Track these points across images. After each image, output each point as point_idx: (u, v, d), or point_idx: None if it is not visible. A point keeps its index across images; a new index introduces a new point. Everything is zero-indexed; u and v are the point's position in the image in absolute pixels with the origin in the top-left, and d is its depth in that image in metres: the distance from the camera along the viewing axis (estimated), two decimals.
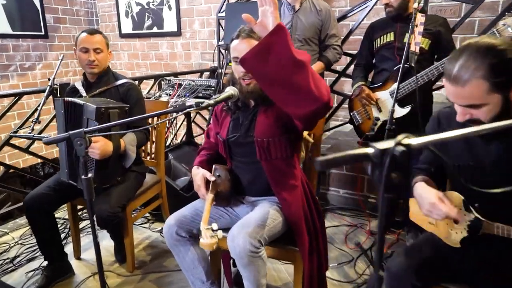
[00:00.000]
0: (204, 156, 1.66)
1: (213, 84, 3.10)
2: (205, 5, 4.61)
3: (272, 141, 1.42)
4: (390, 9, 2.12)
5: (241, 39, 1.38)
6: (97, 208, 1.71)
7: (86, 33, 1.90)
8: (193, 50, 4.89)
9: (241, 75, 1.41)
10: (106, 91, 1.95)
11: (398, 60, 2.12)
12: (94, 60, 1.89)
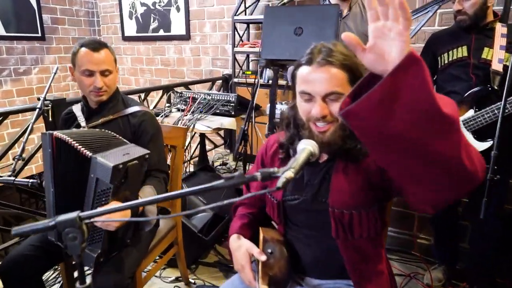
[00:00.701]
0: (245, 218, 1.23)
1: (233, 100, 2.68)
2: (218, 6, 4.19)
3: (356, 214, 0.99)
4: (463, 17, 1.70)
5: (317, 66, 0.95)
6: (102, 280, 1.27)
7: (88, 49, 1.42)
8: (203, 56, 4.47)
9: (313, 118, 0.98)
10: (112, 121, 1.51)
11: (474, 81, 1.70)
12: (102, 87, 1.46)
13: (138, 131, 1.51)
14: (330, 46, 0.96)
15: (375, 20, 0.67)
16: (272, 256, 1.08)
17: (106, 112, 1.53)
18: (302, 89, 0.97)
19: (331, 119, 0.96)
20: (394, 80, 0.63)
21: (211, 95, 2.76)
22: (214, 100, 2.71)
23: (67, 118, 1.58)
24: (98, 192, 1.12)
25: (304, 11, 1.50)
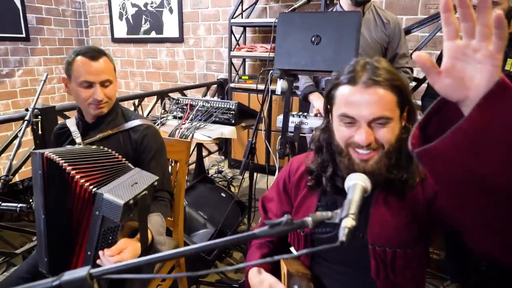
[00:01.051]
0: (265, 248, 1.10)
1: (233, 107, 2.55)
2: (212, 8, 4.06)
3: (401, 253, 0.87)
4: None
5: (363, 87, 0.82)
6: None
7: (86, 58, 1.26)
8: (197, 59, 4.32)
9: (355, 144, 0.85)
10: (111, 137, 1.36)
11: None
12: (102, 99, 1.31)
13: (140, 148, 1.37)
14: (375, 63, 0.85)
15: (454, 38, 0.55)
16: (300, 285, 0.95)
17: (105, 126, 1.37)
18: (344, 112, 0.85)
19: (375, 146, 0.84)
20: (484, 114, 0.52)
21: (210, 102, 2.62)
22: (214, 108, 2.57)
23: (60, 134, 1.42)
24: (104, 230, 0.97)
25: (322, 18, 1.38)
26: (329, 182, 0.93)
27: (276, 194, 1.13)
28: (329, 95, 0.90)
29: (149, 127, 1.41)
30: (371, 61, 0.85)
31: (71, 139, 1.37)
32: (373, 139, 0.82)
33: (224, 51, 4.10)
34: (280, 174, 1.12)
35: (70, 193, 1.05)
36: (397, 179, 0.85)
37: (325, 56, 1.37)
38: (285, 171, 1.10)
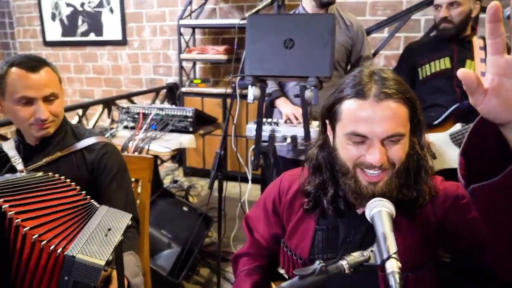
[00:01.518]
0: (255, 274, 0.99)
1: (191, 114, 2.39)
2: (158, 9, 3.83)
3: (413, 277, 0.80)
4: (449, 26, 1.65)
5: (374, 100, 0.73)
6: None
7: (23, 69, 1.06)
8: (142, 63, 4.06)
9: (366, 164, 0.76)
10: (61, 159, 1.16)
11: (459, 94, 1.66)
12: (47, 118, 1.09)
13: (97, 169, 1.18)
14: (381, 73, 0.76)
15: (501, 52, 0.49)
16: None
17: (52, 148, 1.16)
18: (354, 130, 0.75)
19: (387, 165, 0.76)
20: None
21: (165, 110, 2.44)
22: (169, 116, 2.40)
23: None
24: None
25: (294, 21, 1.30)
26: (331, 205, 0.84)
27: (263, 215, 1.02)
28: (331, 110, 0.80)
29: (107, 145, 1.23)
30: (377, 71, 0.77)
31: (10, 166, 1.14)
32: (386, 158, 0.75)
33: (172, 53, 3.89)
34: (268, 193, 1.01)
35: (11, 248, 0.83)
36: (407, 199, 0.79)
37: (300, 61, 1.29)
38: (273, 190, 1.00)
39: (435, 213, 0.78)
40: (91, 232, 0.79)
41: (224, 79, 3.79)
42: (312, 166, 0.88)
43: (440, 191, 0.82)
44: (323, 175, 0.85)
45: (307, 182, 0.89)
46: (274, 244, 1.01)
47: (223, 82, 3.79)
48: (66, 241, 0.78)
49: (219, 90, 3.41)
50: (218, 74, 3.81)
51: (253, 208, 1.09)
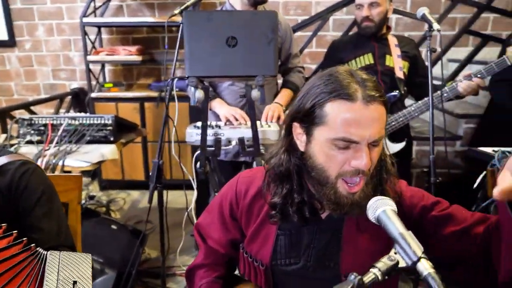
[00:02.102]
0: (216, 286, 0.91)
1: (110, 122, 2.16)
2: (53, 5, 3.39)
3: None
4: (370, 24, 1.76)
5: (363, 103, 0.69)
6: None
7: None
8: (38, 67, 3.56)
9: (350, 172, 0.72)
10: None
11: (383, 87, 1.79)
12: None
13: (15, 194, 0.95)
14: (361, 75, 0.73)
15: None
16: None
17: None
18: (344, 135, 0.70)
19: (368, 173, 0.73)
20: None
21: (78, 119, 2.16)
22: (85, 125, 2.12)
23: None
24: None
25: (235, 18, 1.24)
26: (296, 214, 0.80)
27: (219, 219, 0.94)
28: (309, 114, 0.74)
29: (25, 164, 1.00)
30: (353, 72, 0.74)
31: None
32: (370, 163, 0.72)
33: (75, 55, 3.48)
34: (223, 196, 0.93)
35: None
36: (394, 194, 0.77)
37: (244, 60, 1.23)
38: (229, 193, 0.92)
39: (404, 214, 0.78)
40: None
41: (139, 82, 3.53)
42: (279, 174, 0.81)
43: (406, 196, 0.83)
44: (292, 183, 0.80)
45: (273, 192, 0.83)
46: (231, 249, 0.94)
47: (137, 85, 3.52)
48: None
49: (135, 94, 3.16)
50: (131, 77, 3.53)
51: (203, 215, 1.00)
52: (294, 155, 0.81)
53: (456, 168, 2.19)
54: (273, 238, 0.85)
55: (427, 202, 0.81)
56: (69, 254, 0.74)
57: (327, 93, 0.71)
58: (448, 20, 2.66)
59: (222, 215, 0.94)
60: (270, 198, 0.83)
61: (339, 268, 0.81)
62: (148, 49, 3.39)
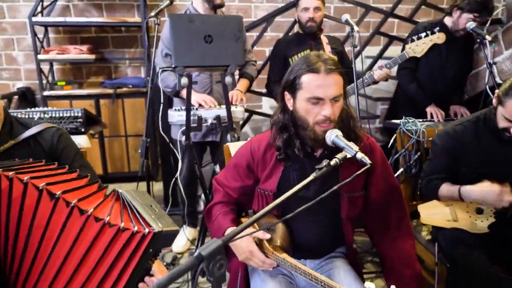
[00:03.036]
0: (230, 214, 1.26)
1: (80, 114, 2.34)
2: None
3: (352, 197, 1.21)
4: (313, 24, 2.20)
5: (325, 73, 1.08)
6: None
7: None
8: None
9: (321, 119, 1.10)
10: (14, 148, 1.18)
11: None
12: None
13: (55, 151, 1.24)
14: (323, 56, 1.13)
15: None
16: (272, 230, 1.20)
17: (3, 138, 1.17)
18: (314, 95, 1.08)
19: (334, 119, 1.11)
20: None
21: (48, 112, 2.31)
22: (56, 119, 2.28)
23: None
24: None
25: (211, 20, 1.58)
26: (300, 151, 1.16)
27: (235, 173, 1.28)
28: (292, 83, 1.12)
29: (59, 130, 1.29)
30: (320, 54, 1.13)
31: None
32: (334, 112, 1.10)
33: (19, 54, 3.47)
34: (238, 157, 1.29)
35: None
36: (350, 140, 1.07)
37: (218, 53, 1.58)
38: (246, 153, 1.27)
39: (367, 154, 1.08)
40: (146, 211, 0.94)
41: (89, 80, 3.63)
42: (279, 127, 1.19)
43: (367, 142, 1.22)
44: (289, 132, 1.17)
45: (277, 139, 1.20)
46: (242, 195, 1.29)
47: (88, 83, 3.62)
48: (136, 221, 0.93)
49: (90, 91, 3.29)
50: (80, 75, 3.62)
51: (221, 173, 1.35)
52: (287, 113, 1.19)
53: (377, 140, 2.78)
54: (280, 171, 1.19)
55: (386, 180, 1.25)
56: (130, 190, 1.04)
57: (302, 69, 1.11)
58: (364, 23, 3.27)
59: (237, 169, 1.28)
60: (276, 143, 1.20)
61: (339, 190, 1.05)
62: (96, 48, 3.53)
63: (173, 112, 1.77)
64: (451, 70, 2.25)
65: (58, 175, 1.05)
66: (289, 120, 1.18)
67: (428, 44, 1.98)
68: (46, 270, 0.97)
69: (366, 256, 2.33)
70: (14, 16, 3.39)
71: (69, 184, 1.01)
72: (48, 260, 0.97)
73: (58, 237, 0.94)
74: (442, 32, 1.95)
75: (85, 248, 0.93)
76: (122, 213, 0.96)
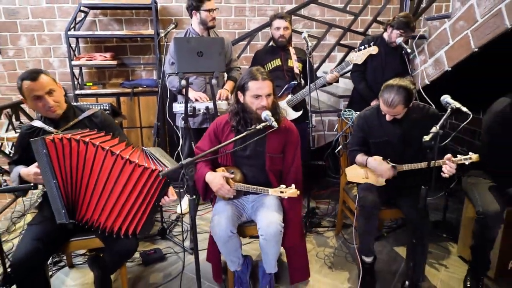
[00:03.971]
0: (208, 166, 2.01)
1: (107, 107, 3.09)
2: (34, 19, 4.14)
3: (275, 157, 1.98)
4: (283, 40, 2.90)
5: (262, 80, 1.84)
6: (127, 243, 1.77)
7: (29, 80, 1.73)
8: (21, 70, 4.25)
9: (261, 107, 1.85)
10: (76, 125, 1.88)
11: (287, 79, 2.95)
12: (52, 105, 1.78)
13: (104, 125, 1.93)
14: (260, 69, 1.88)
15: None
16: (234, 173, 1.98)
17: (71, 117, 1.88)
18: (256, 93, 1.84)
19: (268, 107, 1.86)
20: None
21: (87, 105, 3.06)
22: None
23: (29, 133, 1.80)
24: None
25: (200, 41, 2.30)
26: (243, 126, 1.91)
27: (208, 140, 2.03)
28: (242, 88, 1.87)
29: (103, 112, 2.01)
30: (258, 68, 1.88)
31: (43, 132, 1.80)
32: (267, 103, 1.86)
33: (54, 60, 4.26)
34: (210, 129, 2.04)
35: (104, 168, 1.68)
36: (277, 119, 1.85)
37: (207, 64, 2.30)
38: (213, 126, 2.03)
39: (281, 133, 1.92)
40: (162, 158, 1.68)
41: (111, 82, 4.40)
42: (234, 113, 1.94)
43: (286, 123, 1.99)
44: (239, 115, 1.92)
45: (231, 119, 1.95)
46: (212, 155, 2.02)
47: (110, 84, 4.39)
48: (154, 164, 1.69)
49: (112, 90, 4.06)
50: (104, 77, 4.39)
51: (200, 141, 2.09)
52: (239, 104, 1.93)
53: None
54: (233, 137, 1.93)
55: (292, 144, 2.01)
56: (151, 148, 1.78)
57: (248, 78, 1.85)
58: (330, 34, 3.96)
59: (209, 137, 2.03)
60: (231, 123, 1.95)
61: (264, 151, 1.94)
62: (117, 55, 4.29)
63: (176, 104, 2.50)
64: (389, 72, 2.91)
65: (107, 141, 1.78)
66: (240, 108, 1.92)
67: (366, 54, 2.67)
68: (101, 199, 1.71)
69: (324, 217, 3.04)
70: (51, 30, 4.18)
71: (113, 143, 1.75)
72: (103, 191, 1.71)
73: (108, 177, 1.69)
74: (378, 45, 2.65)
75: (123, 183, 1.67)
76: (145, 158, 1.70)
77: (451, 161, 1.84)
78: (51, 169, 1.64)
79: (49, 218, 1.76)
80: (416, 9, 3.16)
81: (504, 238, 2.10)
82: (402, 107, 1.96)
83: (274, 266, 1.95)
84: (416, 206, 1.88)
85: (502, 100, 2.03)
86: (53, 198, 1.67)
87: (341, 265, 2.39)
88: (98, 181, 1.71)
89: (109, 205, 1.72)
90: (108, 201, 1.71)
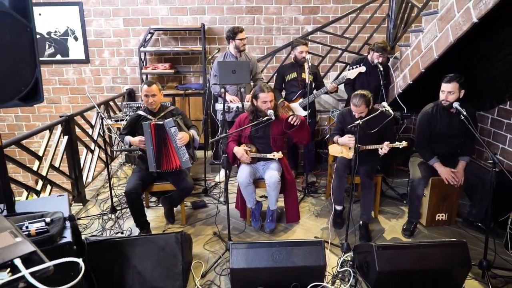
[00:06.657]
0: (236, 143, 3.23)
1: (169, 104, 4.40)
2: (115, 38, 5.56)
3: (277, 138, 3.15)
4: (303, 59, 4.05)
5: (267, 91, 3.03)
6: (188, 184, 3.04)
7: (146, 85, 3.10)
8: (103, 75, 5.72)
9: (266, 108, 3.02)
10: (167, 114, 3.20)
11: (300, 87, 4.09)
12: (152, 102, 3.11)
13: (182, 118, 3.20)
14: (266, 84, 3.08)
15: None
16: (251, 147, 3.18)
17: (162, 111, 3.20)
18: (264, 100, 3.03)
19: (272, 108, 3.03)
20: None
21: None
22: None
23: (136, 118, 3.14)
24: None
25: (233, 64, 3.52)
26: (256, 119, 3.09)
27: (235, 127, 3.24)
28: (255, 96, 3.07)
29: (178, 108, 3.31)
30: (264, 83, 3.07)
31: (144, 119, 3.11)
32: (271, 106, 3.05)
33: (127, 69, 5.67)
34: (237, 121, 3.26)
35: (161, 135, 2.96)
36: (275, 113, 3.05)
37: (237, 78, 3.51)
38: (238, 119, 3.25)
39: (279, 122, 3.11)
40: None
41: (168, 85, 5.76)
42: (251, 111, 3.15)
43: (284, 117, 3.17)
44: (254, 113, 3.12)
45: (249, 115, 3.17)
46: (238, 137, 3.24)
47: (167, 87, 5.75)
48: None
49: (170, 92, 5.40)
50: (163, 82, 5.75)
51: (231, 128, 3.32)
52: (254, 106, 3.15)
53: None
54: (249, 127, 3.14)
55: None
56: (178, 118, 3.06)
57: (259, 91, 3.08)
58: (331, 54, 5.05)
59: (236, 125, 3.26)
60: (249, 117, 3.17)
61: (268, 134, 3.15)
62: (173, 65, 5.63)
63: (217, 104, 3.75)
64: (371, 85, 3.97)
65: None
66: (254, 108, 3.13)
67: (356, 72, 3.76)
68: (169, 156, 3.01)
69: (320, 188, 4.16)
70: (126, 45, 5.59)
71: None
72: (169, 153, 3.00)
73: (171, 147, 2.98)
74: (365, 65, 3.73)
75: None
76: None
77: (387, 145, 2.93)
78: (150, 139, 2.94)
79: (144, 169, 3.09)
80: (394, 37, 4.19)
81: (431, 197, 3.14)
82: (364, 107, 3.06)
83: (274, 204, 3.14)
84: (366, 173, 3.00)
85: (429, 104, 3.09)
86: (150, 156, 2.98)
87: (323, 215, 3.52)
88: (169, 148, 2.99)
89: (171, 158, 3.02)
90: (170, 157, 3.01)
